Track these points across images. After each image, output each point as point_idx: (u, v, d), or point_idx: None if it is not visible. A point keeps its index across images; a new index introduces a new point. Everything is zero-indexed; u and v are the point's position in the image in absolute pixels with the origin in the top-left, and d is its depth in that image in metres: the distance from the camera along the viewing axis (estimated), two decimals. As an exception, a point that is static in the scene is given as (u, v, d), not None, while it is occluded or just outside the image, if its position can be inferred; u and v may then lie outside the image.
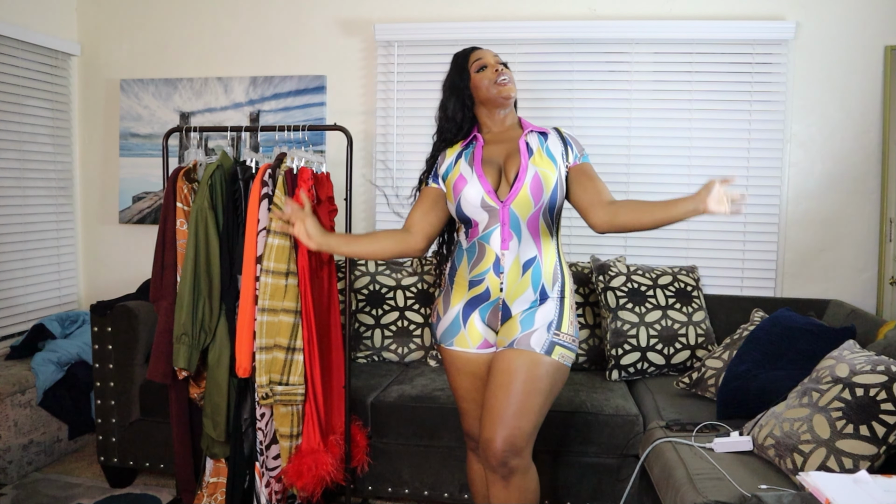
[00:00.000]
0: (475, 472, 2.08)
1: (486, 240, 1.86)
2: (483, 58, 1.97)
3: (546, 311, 1.87)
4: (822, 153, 3.06)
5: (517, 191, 1.84)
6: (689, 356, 2.73)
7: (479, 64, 1.95)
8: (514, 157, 1.90)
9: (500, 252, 1.85)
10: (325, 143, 3.36)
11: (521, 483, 1.81)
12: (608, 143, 3.16)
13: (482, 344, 1.92)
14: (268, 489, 2.35)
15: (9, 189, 3.19)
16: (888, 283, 2.97)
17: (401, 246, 1.96)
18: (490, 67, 1.95)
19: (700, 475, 1.77)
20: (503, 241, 1.85)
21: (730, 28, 3.00)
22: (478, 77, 1.94)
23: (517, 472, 1.80)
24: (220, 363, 2.30)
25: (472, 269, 1.89)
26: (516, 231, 1.84)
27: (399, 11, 3.29)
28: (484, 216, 1.86)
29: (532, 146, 1.91)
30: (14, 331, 3.24)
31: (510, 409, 1.78)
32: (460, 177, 1.89)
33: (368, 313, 3.00)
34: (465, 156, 1.94)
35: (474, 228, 1.88)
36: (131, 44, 3.52)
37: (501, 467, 1.79)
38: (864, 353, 1.85)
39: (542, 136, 1.94)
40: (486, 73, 1.94)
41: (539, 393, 1.81)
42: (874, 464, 1.62)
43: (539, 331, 1.84)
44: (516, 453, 1.78)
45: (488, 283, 1.87)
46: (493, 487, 1.84)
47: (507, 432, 1.77)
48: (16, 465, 2.78)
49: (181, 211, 2.36)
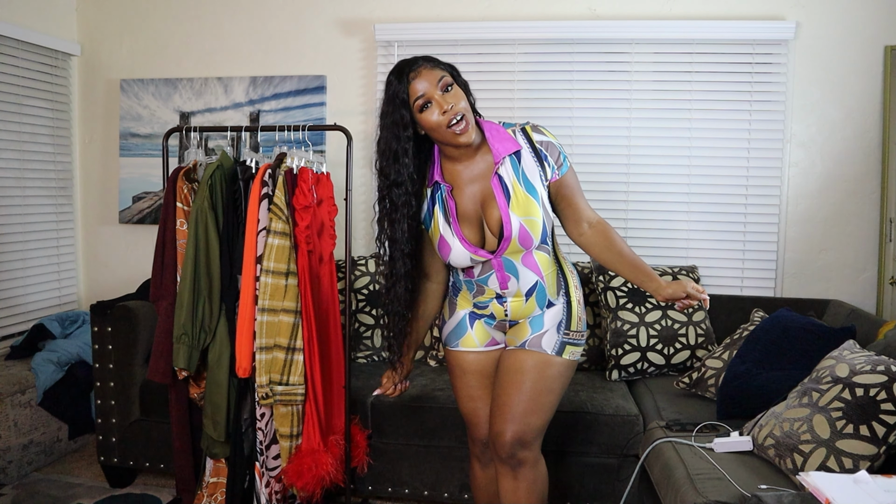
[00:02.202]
0: (479, 479, 2.06)
1: (485, 282, 1.84)
2: (425, 92, 1.61)
3: (554, 312, 1.86)
4: (822, 153, 3.06)
5: (506, 245, 1.74)
6: (689, 356, 2.73)
7: (421, 102, 1.62)
8: (491, 203, 1.74)
9: (500, 290, 1.83)
10: (325, 143, 3.36)
11: (529, 475, 1.83)
12: (608, 143, 3.16)
13: (490, 342, 1.93)
14: (268, 489, 2.35)
15: (9, 189, 3.19)
16: (888, 283, 2.97)
17: (438, 299, 1.96)
18: (435, 105, 1.61)
19: (700, 475, 1.77)
20: (501, 283, 1.81)
21: (730, 28, 3.00)
22: (424, 118, 1.64)
23: (526, 463, 1.82)
24: (220, 363, 2.30)
25: (475, 297, 1.90)
26: (513, 272, 1.79)
27: (399, 11, 3.29)
28: (477, 266, 1.81)
29: (507, 182, 1.71)
30: (14, 331, 3.24)
31: (520, 406, 1.79)
32: (442, 239, 1.77)
33: (368, 313, 3.00)
34: (438, 206, 1.77)
35: (469, 272, 1.85)
36: (131, 44, 3.52)
37: (510, 459, 1.81)
38: (864, 353, 1.85)
39: (514, 157, 1.73)
40: (433, 114, 1.62)
41: (550, 392, 1.82)
42: (874, 464, 1.62)
43: (549, 332, 1.83)
44: (525, 446, 1.80)
45: (493, 309, 1.88)
46: (502, 480, 1.86)
47: (516, 427, 1.78)
48: (16, 465, 2.78)
49: (181, 211, 2.36)
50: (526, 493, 1.83)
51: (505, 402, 1.80)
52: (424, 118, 1.64)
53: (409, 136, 1.66)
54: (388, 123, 1.67)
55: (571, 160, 1.82)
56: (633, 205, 3.16)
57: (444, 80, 1.64)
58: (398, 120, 1.64)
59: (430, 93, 1.62)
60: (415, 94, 1.62)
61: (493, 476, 1.99)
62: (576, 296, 1.89)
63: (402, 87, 1.63)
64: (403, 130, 1.65)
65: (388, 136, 1.67)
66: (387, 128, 1.67)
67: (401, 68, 1.65)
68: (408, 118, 1.64)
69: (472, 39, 3.19)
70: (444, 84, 1.63)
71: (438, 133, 1.65)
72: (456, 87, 1.66)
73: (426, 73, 1.62)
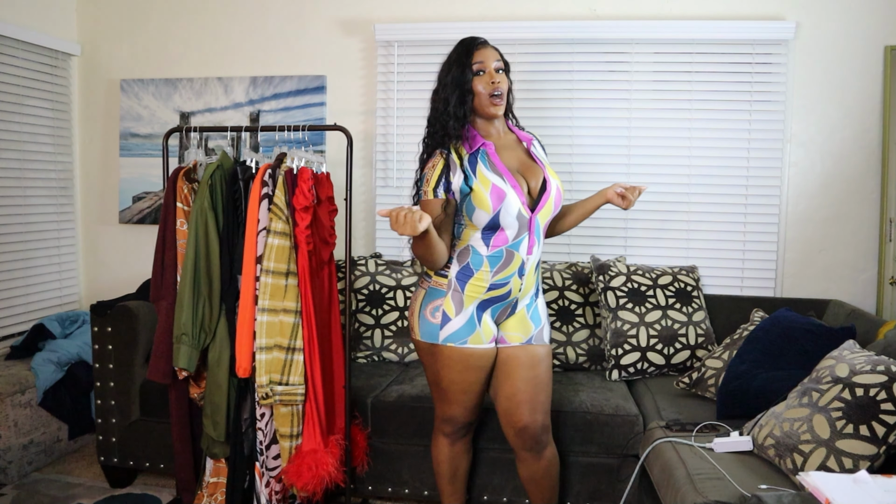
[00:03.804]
0: (445, 454, 2.19)
1: (516, 248, 1.96)
2: (483, 61, 1.94)
3: (541, 304, 2.12)
4: (822, 153, 3.06)
5: (544, 202, 1.97)
6: (689, 356, 2.73)
7: (477, 68, 1.94)
8: (528, 167, 2.00)
9: (526, 257, 1.98)
10: (325, 143, 3.36)
11: (550, 453, 2.10)
12: (608, 143, 3.16)
13: (492, 339, 2.04)
14: (268, 489, 2.35)
15: (9, 189, 3.19)
16: (888, 283, 2.97)
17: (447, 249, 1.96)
18: (487, 76, 1.93)
19: (700, 475, 1.77)
20: (529, 247, 1.98)
21: (730, 28, 3.00)
22: (476, 80, 1.94)
23: (549, 444, 2.09)
24: (220, 363, 2.30)
25: (496, 274, 1.96)
26: (538, 237, 2.00)
27: (399, 11, 3.29)
28: (515, 225, 1.93)
29: (539, 156, 2.04)
30: (14, 331, 3.24)
31: (540, 395, 2.03)
32: (494, 188, 1.88)
33: (368, 313, 3.00)
34: (482, 164, 1.92)
35: (499, 236, 1.94)
36: (131, 44, 3.52)
37: (537, 444, 2.05)
38: (864, 353, 1.85)
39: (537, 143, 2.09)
40: (483, 81, 1.93)
41: (552, 377, 2.13)
42: (874, 464, 1.62)
43: (545, 326, 2.10)
44: (546, 430, 2.07)
45: (511, 285, 1.99)
46: (527, 466, 2.10)
47: (541, 417, 2.03)
48: (16, 465, 2.78)
49: (181, 211, 2.36)
50: (550, 468, 2.10)
51: (527, 396, 2.01)
52: (476, 81, 1.94)
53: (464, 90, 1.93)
54: (448, 81, 1.95)
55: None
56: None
57: (499, 63, 1.96)
58: (457, 75, 1.94)
59: (487, 65, 1.94)
60: (476, 60, 1.94)
61: (461, 451, 2.21)
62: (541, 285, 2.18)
63: (468, 52, 1.94)
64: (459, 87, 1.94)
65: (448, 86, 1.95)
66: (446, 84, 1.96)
67: (470, 39, 1.98)
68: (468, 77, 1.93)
69: (472, 39, 3.19)
70: (497, 66, 1.95)
71: (480, 99, 1.94)
72: (504, 74, 1.98)
73: (489, 51, 1.96)
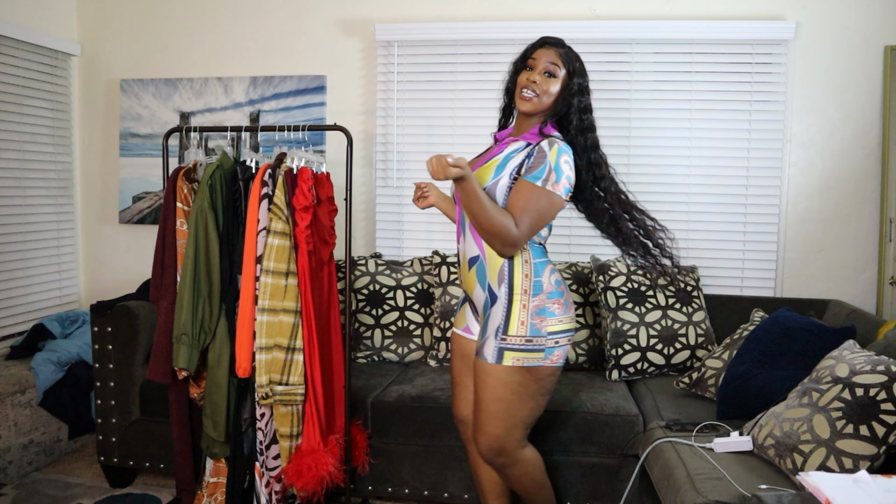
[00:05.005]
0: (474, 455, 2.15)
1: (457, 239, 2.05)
2: (535, 58, 1.96)
3: (495, 314, 1.89)
4: (822, 153, 3.06)
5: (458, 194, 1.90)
6: (689, 356, 2.73)
7: (530, 63, 1.97)
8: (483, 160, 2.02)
9: (458, 247, 2.03)
10: (325, 143, 3.36)
11: (511, 473, 1.99)
12: (608, 144, 3.10)
13: (465, 329, 2.08)
14: (268, 489, 2.35)
15: (9, 189, 3.19)
16: (888, 283, 2.97)
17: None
18: (529, 73, 1.95)
19: (700, 475, 1.77)
20: (457, 237, 2.03)
21: (730, 28, 3.00)
22: (521, 74, 1.99)
23: (506, 466, 1.98)
24: (220, 363, 2.30)
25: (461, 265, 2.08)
26: (464, 229, 1.98)
27: (399, 11, 3.29)
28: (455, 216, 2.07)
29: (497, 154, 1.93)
30: (14, 331, 3.24)
31: (479, 416, 1.93)
32: None
33: (368, 313, 3.00)
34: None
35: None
36: (131, 44, 3.52)
37: (490, 463, 1.99)
38: (864, 353, 1.85)
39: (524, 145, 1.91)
40: (524, 75, 1.96)
41: (498, 400, 1.88)
42: (874, 464, 1.62)
43: (489, 339, 1.88)
44: (498, 453, 1.94)
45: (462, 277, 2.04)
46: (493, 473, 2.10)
47: (482, 437, 1.93)
48: (16, 465, 2.78)
49: (181, 211, 2.36)
50: (513, 485, 2.05)
51: (473, 412, 1.98)
52: (522, 74, 1.99)
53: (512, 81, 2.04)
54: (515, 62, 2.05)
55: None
56: (633, 205, 3.15)
57: (551, 67, 1.93)
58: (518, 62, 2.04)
59: (536, 63, 1.95)
60: (533, 56, 1.97)
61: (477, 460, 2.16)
62: (521, 300, 1.87)
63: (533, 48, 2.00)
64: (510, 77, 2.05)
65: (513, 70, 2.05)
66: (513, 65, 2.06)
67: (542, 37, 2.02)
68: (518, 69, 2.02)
69: (472, 39, 3.19)
70: (547, 68, 1.93)
71: (516, 91, 1.99)
72: (556, 79, 1.93)
73: (547, 51, 1.95)
